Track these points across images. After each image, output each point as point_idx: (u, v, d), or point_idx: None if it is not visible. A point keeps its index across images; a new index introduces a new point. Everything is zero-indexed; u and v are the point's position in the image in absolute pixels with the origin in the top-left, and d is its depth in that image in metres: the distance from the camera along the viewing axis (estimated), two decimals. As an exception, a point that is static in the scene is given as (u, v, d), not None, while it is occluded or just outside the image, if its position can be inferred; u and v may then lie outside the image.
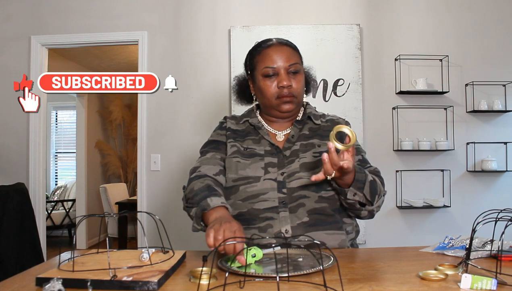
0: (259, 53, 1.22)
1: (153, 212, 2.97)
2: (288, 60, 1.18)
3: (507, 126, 2.81)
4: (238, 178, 1.16)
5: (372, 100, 2.81)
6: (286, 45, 1.23)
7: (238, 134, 1.26)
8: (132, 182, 5.61)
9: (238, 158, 1.19)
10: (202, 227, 1.06)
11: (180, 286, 0.76)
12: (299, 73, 1.20)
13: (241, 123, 1.29)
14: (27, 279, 0.81)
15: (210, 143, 1.29)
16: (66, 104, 5.92)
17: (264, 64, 1.19)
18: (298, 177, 1.12)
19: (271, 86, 1.18)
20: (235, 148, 1.22)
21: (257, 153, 1.19)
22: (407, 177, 2.78)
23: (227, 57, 2.81)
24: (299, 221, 1.10)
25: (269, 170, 1.14)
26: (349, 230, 1.19)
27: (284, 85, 1.16)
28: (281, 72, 1.17)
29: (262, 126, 1.25)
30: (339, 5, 2.85)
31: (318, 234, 1.10)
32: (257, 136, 1.24)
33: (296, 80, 1.19)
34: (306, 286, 0.73)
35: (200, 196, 1.06)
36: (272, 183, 1.13)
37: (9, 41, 2.93)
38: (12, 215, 2.44)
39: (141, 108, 2.85)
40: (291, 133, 1.23)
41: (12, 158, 2.91)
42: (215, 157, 1.23)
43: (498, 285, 0.70)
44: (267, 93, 1.19)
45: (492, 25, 2.83)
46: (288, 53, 1.20)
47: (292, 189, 1.12)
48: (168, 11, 2.88)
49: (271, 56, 1.19)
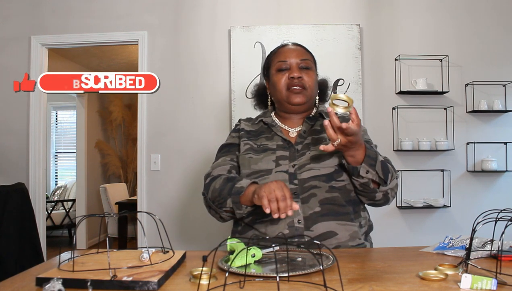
0: (274, 53, 1.32)
1: (153, 212, 2.97)
2: (299, 56, 1.26)
3: (507, 126, 2.81)
4: (251, 173, 1.19)
5: (372, 100, 2.81)
6: (300, 46, 1.32)
7: (251, 134, 1.31)
8: (132, 182, 5.61)
9: (251, 154, 1.23)
10: (244, 209, 1.09)
11: (180, 286, 0.76)
12: (311, 69, 1.26)
13: (256, 124, 1.35)
14: (27, 279, 0.81)
15: (224, 147, 1.34)
16: (66, 104, 5.92)
17: (277, 59, 1.28)
18: (308, 168, 1.16)
19: (282, 78, 1.25)
20: (248, 145, 1.26)
21: (269, 148, 1.23)
22: (407, 177, 2.78)
23: (227, 57, 2.81)
24: (311, 211, 1.12)
25: (280, 162, 1.18)
26: (362, 224, 1.21)
27: (294, 76, 1.22)
28: (293, 66, 1.25)
29: (276, 124, 1.29)
30: (339, 5, 2.85)
31: (330, 224, 1.11)
32: (270, 134, 1.28)
33: (308, 75, 1.24)
34: (306, 286, 0.73)
35: (227, 189, 1.11)
36: (283, 175, 1.16)
37: (9, 41, 2.93)
38: (12, 215, 2.44)
39: (141, 108, 2.85)
40: (302, 129, 1.27)
41: (12, 158, 2.91)
42: (225, 159, 1.28)
43: (498, 285, 0.70)
44: (279, 85, 1.25)
45: (492, 25, 2.83)
46: (300, 51, 1.29)
47: (303, 179, 1.15)
48: (168, 11, 2.88)
49: (284, 52, 1.28)
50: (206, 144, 2.75)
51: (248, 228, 1.18)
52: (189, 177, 2.81)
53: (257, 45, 2.71)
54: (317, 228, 1.10)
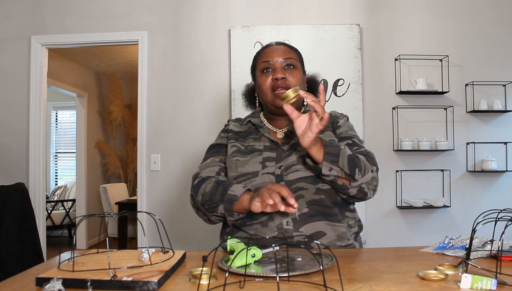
0: (259, 54, 1.29)
1: (153, 212, 2.98)
2: (283, 55, 1.22)
3: (507, 126, 2.81)
4: (237, 175, 1.18)
5: (372, 100, 2.81)
6: (284, 45, 1.27)
7: (239, 135, 1.30)
8: (132, 182, 5.61)
9: (238, 156, 1.22)
10: (236, 216, 1.09)
11: (180, 286, 0.76)
12: (296, 68, 1.23)
13: (244, 125, 1.33)
14: (27, 279, 0.81)
15: (213, 147, 1.33)
16: (66, 104, 5.93)
17: (261, 60, 1.25)
18: (295, 169, 1.14)
19: (267, 80, 1.22)
20: (235, 147, 1.25)
21: (256, 149, 1.22)
22: (407, 177, 2.78)
23: (227, 57, 2.81)
24: (299, 212, 1.11)
25: (266, 164, 1.17)
26: (351, 224, 1.21)
27: (278, 77, 1.19)
28: (276, 66, 1.22)
29: (264, 125, 1.28)
30: (339, 5, 2.85)
31: (319, 224, 1.11)
32: (258, 135, 1.27)
33: (292, 75, 1.21)
34: (306, 286, 0.73)
35: (218, 194, 1.10)
36: (270, 177, 1.15)
37: (9, 41, 2.93)
38: (12, 215, 2.44)
39: (141, 108, 2.86)
40: (289, 128, 1.26)
41: (12, 158, 2.91)
42: (214, 160, 1.26)
43: (498, 285, 0.70)
44: (264, 88, 1.23)
45: (492, 25, 2.83)
46: (284, 49, 1.25)
47: (290, 181, 1.14)
48: (168, 11, 2.88)
49: (268, 52, 1.25)
50: (206, 144, 2.70)
51: (236, 230, 1.18)
52: (189, 177, 2.78)
53: (257, 45, 2.70)
54: (306, 229, 1.09)
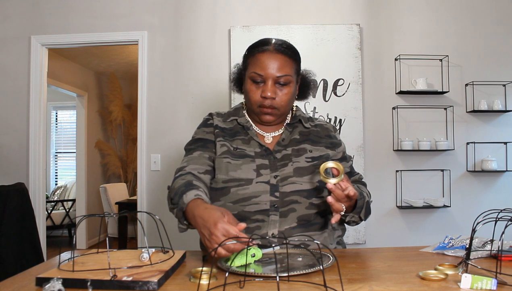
0: (252, 55, 1.17)
1: (153, 212, 2.98)
2: (278, 71, 1.12)
3: (507, 126, 2.81)
4: (229, 179, 1.13)
5: (372, 100, 2.81)
6: (282, 54, 1.14)
7: (226, 133, 1.23)
8: (132, 182, 5.61)
9: (229, 158, 1.15)
10: (186, 226, 1.04)
11: (180, 286, 0.76)
12: (288, 85, 1.15)
13: (229, 122, 1.26)
14: (27, 279, 0.81)
15: (197, 141, 1.25)
16: (66, 104, 5.93)
17: (253, 69, 1.15)
18: (291, 182, 1.12)
19: (255, 93, 1.15)
20: (225, 147, 1.18)
21: (247, 154, 1.16)
22: (407, 177, 2.78)
23: (227, 57, 2.81)
24: (287, 226, 1.10)
25: (261, 172, 1.13)
26: (335, 226, 1.21)
27: (267, 96, 1.13)
28: (268, 81, 1.13)
29: (251, 127, 1.23)
30: (339, 5, 2.85)
31: (301, 236, 1.11)
32: (247, 137, 1.21)
33: (283, 92, 1.15)
34: (306, 286, 0.73)
35: (178, 195, 1.03)
36: (265, 186, 1.11)
37: (9, 41, 2.93)
38: (12, 215, 2.44)
39: (141, 108, 2.85)
40: (282, 136, 1.21)
41: (12, 157, 2.91)
42: (203, 155, 1.19)
43: (498, 285, 0.70)
44: (251, 99, 1.17)
45: (492, 25, 2.83)
46: (281, 62, 1.13)
47: (284, 193, 1.11)
48: (168, 11, 2.88)
49: (262, 62, 1.13)
50: (206, 144, 2.74)
51: None
52: (189, 177, 2.80)
53: (257, 45, 2.70)
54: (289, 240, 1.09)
